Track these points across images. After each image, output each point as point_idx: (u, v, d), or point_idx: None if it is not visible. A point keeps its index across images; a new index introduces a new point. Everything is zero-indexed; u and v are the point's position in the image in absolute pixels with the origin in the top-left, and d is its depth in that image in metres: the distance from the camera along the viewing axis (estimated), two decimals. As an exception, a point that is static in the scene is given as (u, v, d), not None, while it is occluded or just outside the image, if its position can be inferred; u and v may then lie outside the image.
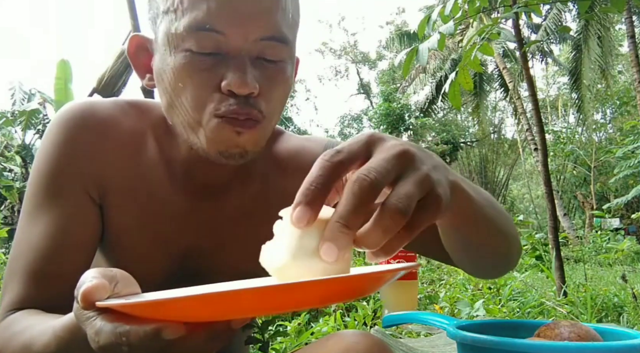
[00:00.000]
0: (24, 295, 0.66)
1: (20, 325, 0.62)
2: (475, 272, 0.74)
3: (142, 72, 0.71)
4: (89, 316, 0.42)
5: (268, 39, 0.62)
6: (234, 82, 0.61)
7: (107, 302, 0.41)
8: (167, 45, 0.63)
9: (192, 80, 0.62)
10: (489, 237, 0.62)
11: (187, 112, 0.63)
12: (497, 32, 2.47)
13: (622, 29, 12.10)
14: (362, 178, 0.38)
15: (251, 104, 0.62)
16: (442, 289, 2.83)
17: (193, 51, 0.61)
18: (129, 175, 0.71)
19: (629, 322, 2.14)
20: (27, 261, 0.67)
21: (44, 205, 0.68)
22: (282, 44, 0.64)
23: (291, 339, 1.63)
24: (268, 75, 0.64)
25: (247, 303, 0.38)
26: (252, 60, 0.63)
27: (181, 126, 0.66)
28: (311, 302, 0.40)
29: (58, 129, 0.70)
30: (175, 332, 0.39)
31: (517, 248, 0.71)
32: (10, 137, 9.78)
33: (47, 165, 0.69)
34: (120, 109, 0.73)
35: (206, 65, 0.62)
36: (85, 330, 0.43)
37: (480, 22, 10.16)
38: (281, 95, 0.67)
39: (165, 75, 0.64)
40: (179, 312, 0.39)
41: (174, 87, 0.63)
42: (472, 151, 19.38)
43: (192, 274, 0.74)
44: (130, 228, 0.71)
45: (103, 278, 0.44)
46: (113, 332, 0.40)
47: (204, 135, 0.63)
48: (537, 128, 2.92)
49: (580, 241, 9.38)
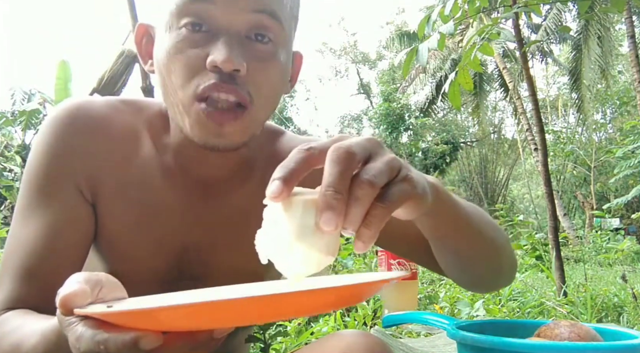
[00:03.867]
0: (16, 295, 0.66)
1: (11, 325, 0.61)
2: (463, 283, 0.75)
3: (146, 58, 0.72)
4: (70, 321, 0.42)
5: (259, 12, 0.62)
6: (217, 56, 0.60)
7: (85, 310, 0.41)
8: (165, 25, 0.64)
9: (181, 57, 0.62)
10: (477, 246, 0.63)
11: (175, 93, 0.64)
12: (497, 32, 2.47)
13: (622, 29, 12.10)
14: (337, 147, 0.42)
15: (237, 83, 0.61)
16: (442, 289, 2.82)
17: (186, 28, 0.62)
18: (123, 174, 0.71)
19: (629, 322, 2.14)
20: (19, 260, 0.66)
21: (36, 204, 0.68)
22: (274, 20, 0.63)
23: (291, 339, 1.63)
24: (258, 56, 0.64)
25: (227, 313, 0.37)
26: (241, 39, 0.63)
27: (172, 109, 0.66)
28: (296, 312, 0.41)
29: (50, 129, 0.70)
30: (153, 341, 0.39)
31: (509, 263, 0.72)
32: (10, 137, 9.78)
33: (39, 165, 0.69)
34: (113, 107, 0.73)
35: (196, 42, 0.62)
36: (67, 335, 0.43)
37: (480, 22, 10.15)
38: (273, 79, 0.65)
39: (160, 56, 0.65)
40: (157, 321, 0.39)
41: (166, 67, 0.64)
42: (472, 151, 19.37)
43: (189, 273, 0.73)
44: (125, 227, 0.71)
45: (86, 283, 0.44)
46: (92, 339, 0.40)
47: (188, 123, 0.64)
48: (537, 128, 2.92)
49: (580, 241, 9.38)
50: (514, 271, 0.75)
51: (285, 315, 0.43)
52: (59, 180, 0.68)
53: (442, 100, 15.21)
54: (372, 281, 0.43)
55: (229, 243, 0.74)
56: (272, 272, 0.79)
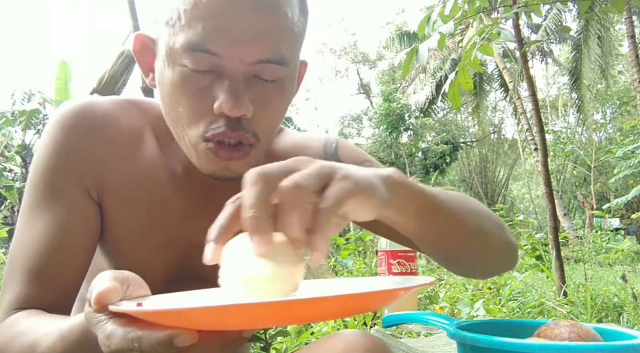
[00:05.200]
0: (24, 295, 0.66)
1: (23, 325, 0.61)
2: (456, 271, 0.74)
3: (147, 71, 0.71)
4: (100, 319, 0.42)
5: (265, 62, 0.61)
6: (225, 104, 0.59)
7: (121, 308, 0.41)
8: (165, 57, 0.62)
9: (186, 98, 0.62)
10: (456, 235, 0.61)
11: (182, 128, 0.64)
12: (497, 32, 2.47)
13: (622, 29, 12.08)
14: (250, 171, 0.44)
15: (243, 127, 0.62)
16: (442, 289, 2.82)
17: (189, 68, 0.60)
18: (128, 174, 0.71)
19: (629, 322, 2.14)
20: (27, 261, 0.66)
21: (43, 204, 0.68)
22: (280, 66, 0.62)
23: (291, 339, 1.63)
24: (264, 94, 0.63)
25: (263, 316, 0.38)
26: (247, 80, 0.62)
27: (177, 136, 0.66)
28: (325, 316, 0.41)
29: (56, 129, 0.69)
30: (188, 339, 0.39)
31: (501, 247, 0.70)
32: (10, 137, 9.78)
33: (46, 165, 0.69)
34: (118, 107, 0.73)
35: (201, 83, 0.61)
36: (96, 333, 0.43)
37: (480, 22, 10.15)
38: (278, 113, 0.66)
39: (163, 87, 0.64)
40: (193, 321, 0.39)
41: (170, 100, 0.63)
42: (472, 151, 19.37)
43: (194, 273, 0.73)
44: (130, 226, 0.71)
45: (115, 281, 0.44)
46: (125, 337, 0.40)
47: (195, 156, 0.64)
48: (537, 128, 2.92)
49: (580, 241, 9.37)
50: (512, 255, 0.73)
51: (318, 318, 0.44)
52: (65, 179, 0.68)
53: (442, 100, 15.21)
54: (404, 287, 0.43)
55: None
56: None
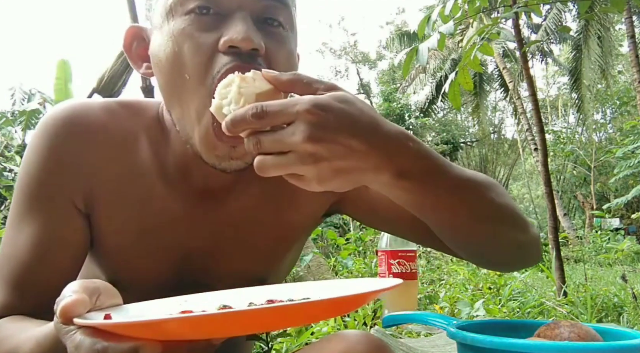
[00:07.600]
0: (9, 303, 0.66)
1: (5, 332, 0.61)
2: (476, 261, 0.71)
3: (139, 62, 0.69)
4: (68, 330, 0.42)
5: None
6: (234, 34, 0.56)
7: (86, 321, 0.41)
8: (165, 17, 0.61)
9: (190, 44, 0.59)
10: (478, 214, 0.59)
11: (188, 97, 0.60)
12: (497, 32, 2.47)
13: (622, 29, 12.08)
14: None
15: (258, 62, 0.58)
16: (442, 289, 2.82)
17: (194, 12, 0.59)
18: (121, 182, 0.68)
19: (629, 322, 2.14)
20: (11, 269, 0.66)
21: (28, 214, 0.66)
22: (283, 4, 0.62)
23: (292, 339, 1.63)
24: (274, 38, 0.61)
25: (228, 325, 0.38)
26: (255, 20, 0.60)
27: (180, 122, 0.64)
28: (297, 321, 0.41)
29: (42, 137, 0.66)
30: (151, 350, 0.40)
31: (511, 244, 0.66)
32: (10, 137, 9.76)
33: (31, 175, 0.66)
34: (109, 112, 0.69)
35: (206, 25, 0.59)
36: (65, 343, 0.43)
37: (480, 22, 10.15)
38: (288, 65, 0.63)
39: (162, 50, 0.61)
40: (157, 332, 0.40)
41: (172, 58, 0.60)
42: (472, 151, 19.36)
43: (191, 280, 0.72)
44: (125, 236, 0.69)
45: (84, 292, 0.44)
46: (92, 347, 0.41)
47: (197, 134, 0.61)
48: (537, 128, 2.92)
49: (580, 241, 9.37)
50: (529, 252, 0.69)
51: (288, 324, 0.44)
52: (51, 191, 0.66)
53: (442, 100, 15.21)
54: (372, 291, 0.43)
55: (230, 249, 0.73)
56: (274, 277, 0.79)
